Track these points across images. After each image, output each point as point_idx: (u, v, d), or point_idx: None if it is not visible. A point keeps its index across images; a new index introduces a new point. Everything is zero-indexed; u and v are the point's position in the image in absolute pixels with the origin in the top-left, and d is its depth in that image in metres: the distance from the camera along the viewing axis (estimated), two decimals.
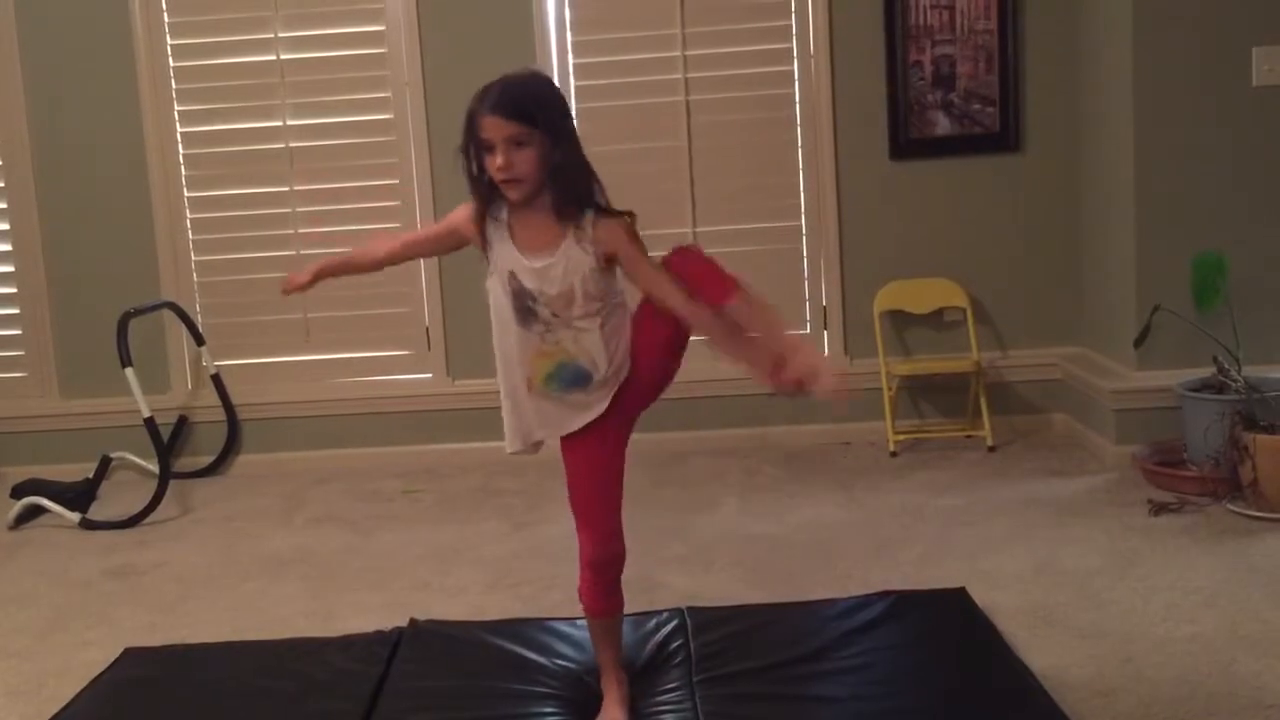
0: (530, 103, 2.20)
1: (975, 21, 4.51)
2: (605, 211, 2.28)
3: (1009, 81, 4.51)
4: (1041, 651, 2.63)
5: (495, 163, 2.20)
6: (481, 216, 2.31)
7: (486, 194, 2.29)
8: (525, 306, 2.28)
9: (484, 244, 2.33)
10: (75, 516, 4.14)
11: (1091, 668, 2.55)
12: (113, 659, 2.85)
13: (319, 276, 2.56)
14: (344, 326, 4.76)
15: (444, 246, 2.50)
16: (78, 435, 4.74)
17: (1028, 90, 4.54)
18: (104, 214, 4.78)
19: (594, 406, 2.33)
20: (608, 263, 2.27)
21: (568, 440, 2.38)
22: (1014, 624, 2.79)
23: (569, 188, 2.24)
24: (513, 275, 2.28)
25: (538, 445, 2.42)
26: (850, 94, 4.57)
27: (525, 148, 2.19)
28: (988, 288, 4.64)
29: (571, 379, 2.31)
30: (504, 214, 2.30)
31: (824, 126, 4.59)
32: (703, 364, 4.61)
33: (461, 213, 2.37)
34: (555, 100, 2.26)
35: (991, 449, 4.39)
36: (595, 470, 2.38)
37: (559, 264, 2.25)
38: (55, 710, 2.60)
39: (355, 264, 2.62)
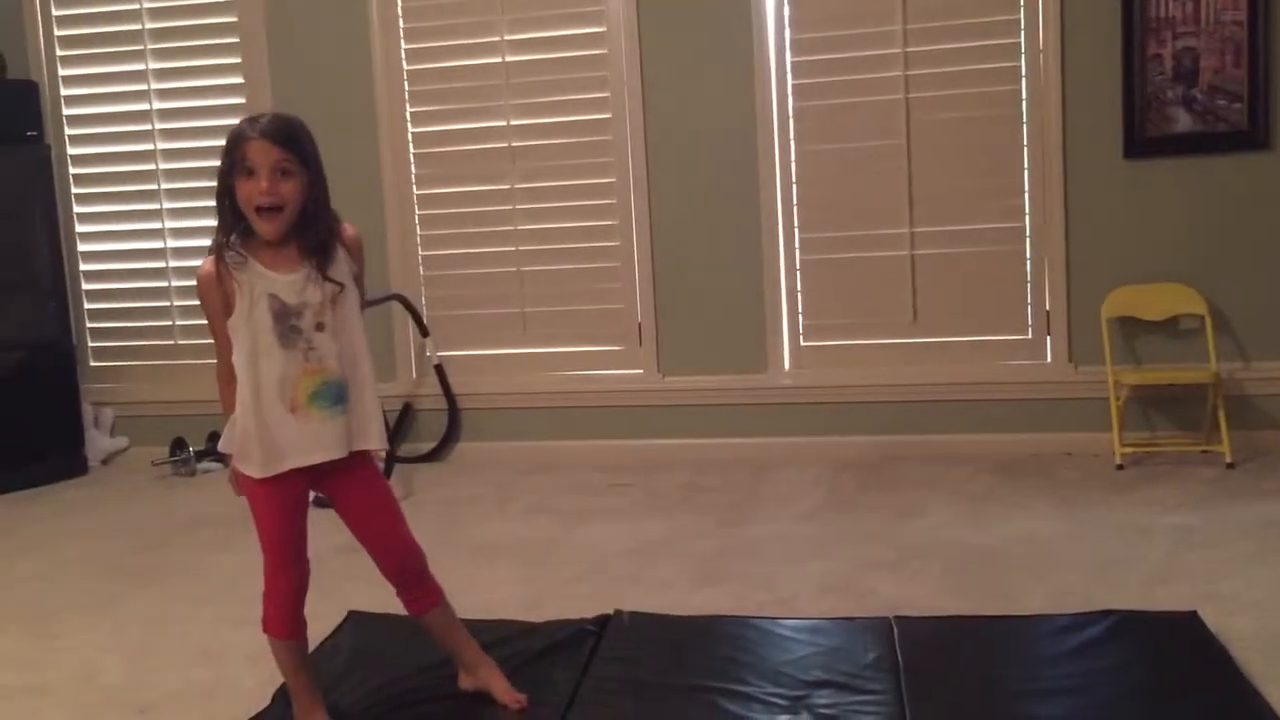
0: (298, 136, 2.27)
1: (1222, 12, 4.25)
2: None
3: (1259, 75, 4.23)
4: None
5: (259, 187, 2.21)
6: (220, 257, 2.27)
7: (232, 224, 2.28)
8: (289, 326, 2.29)
9: (232, 283, 2.27)
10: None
11: None
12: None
13: None
14: (559, 321, 4.88)
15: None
16: None
17: (1279, 84, 4.24)
18: (341, 209, 5.03)
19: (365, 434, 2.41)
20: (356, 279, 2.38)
21: (337, 471, 2.44)
22: (1251, 652, 2.61)
23: (319, 227, 2.30)
24: (273, 297, 2.28)
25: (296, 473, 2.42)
26: (1082, 90, 4.39)
27: (290, 178, 2.24)
28: (1229, 294, 4.36)
29: (336, 397, 2.34)
30: (243, 251, 2.28)
31: (1053, 124, 4.41)
32: (914, 368, 4.58)
33: (206, 277, 2.30)
34: (315, 143, 2.32)
35: (1230, 466, 4.12)
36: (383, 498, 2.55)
37: (312, 274, 2.30)
38: None
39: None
